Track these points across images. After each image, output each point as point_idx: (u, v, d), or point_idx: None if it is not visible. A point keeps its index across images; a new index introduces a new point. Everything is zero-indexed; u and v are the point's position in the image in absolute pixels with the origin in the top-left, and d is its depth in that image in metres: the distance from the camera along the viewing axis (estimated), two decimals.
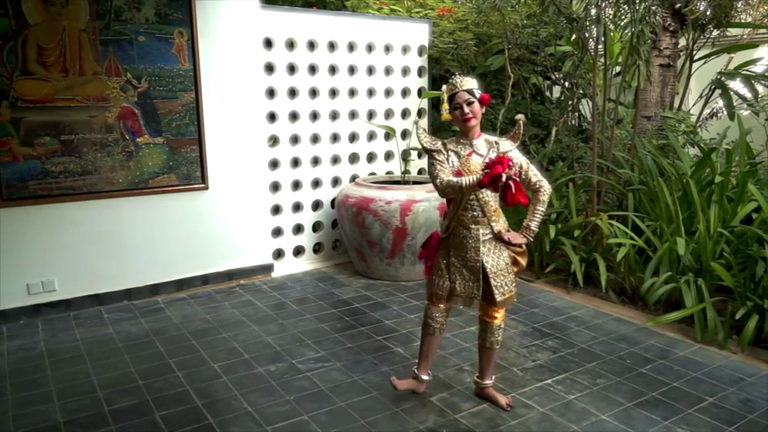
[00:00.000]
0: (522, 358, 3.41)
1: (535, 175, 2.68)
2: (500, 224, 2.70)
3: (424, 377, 2.94)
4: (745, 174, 4.10)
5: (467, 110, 2.56)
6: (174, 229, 4.48)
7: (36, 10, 3.76)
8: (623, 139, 5.72)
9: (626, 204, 4.75)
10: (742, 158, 4.27)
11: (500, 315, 2.80)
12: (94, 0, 3.92)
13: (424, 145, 2.66)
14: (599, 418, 2.78)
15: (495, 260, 2.67)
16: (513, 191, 2.40)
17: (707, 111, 5.75)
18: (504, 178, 2.32)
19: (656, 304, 4.07)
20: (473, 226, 2.64)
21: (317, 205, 5.27)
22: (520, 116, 2.69)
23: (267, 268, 4.97)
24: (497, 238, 2.68)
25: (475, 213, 2.63)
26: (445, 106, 2.60)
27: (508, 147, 2.67)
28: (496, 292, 2.67)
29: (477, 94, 2.58)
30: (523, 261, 2.79)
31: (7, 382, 3.16)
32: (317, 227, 5.31)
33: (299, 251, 5.27)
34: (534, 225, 2.68)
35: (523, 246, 2.76)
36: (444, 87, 2.62)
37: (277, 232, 5.11)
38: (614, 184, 4.92)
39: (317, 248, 5.37)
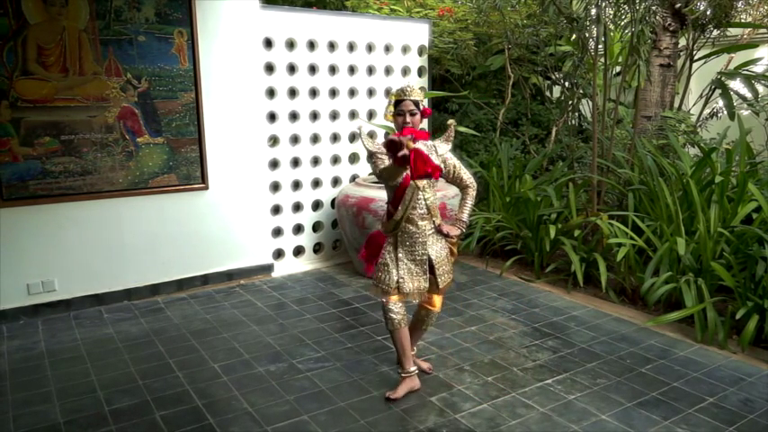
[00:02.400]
0: (522, 358, 3.41)
1: (465, 173, 2.99)
2: (438, 219, 2.95)
3: (413, 369, 2.99)
4: (745, 173, 4.10)
5: (408, 119, 2.79)
6: (174, 228, 4.48)
7: (36, 10, 3.76)
8: (623, 138, 5.73)
9: (626, 204, 4.75)
10: (742, 158, 4.27)
11: (440, 302, 3.04)
12: (94, 0, 3.92)
13: (368, 148, 2.89)
14: (599, 418, 2.78)
15: (437, 251, 2.92)
16: (418, 161, 2.58)
17: (707, 111, 5.75)
18: (405, 147, 2.51)
19: (657, 304, 4.07)
20: (420, 222, 2.87)
21: (317, 205, 5.27)
22: (451, 121, 3.02)
23: (267, 268, 4.97)
24: (437, 231, 2.94)
25: (422, 211, 2.87)
26: (390, 108, 2.86)
27: (445, 149, 2.96)
28: (440, 280, 2.92)
29: (421, 107, 2.83)
30: (455, 251, 3.08)
31: (7, 382, 3.16)
32: (317, 227, 5.31)
33: (299, 251, 5.27)
34: (465, 217, 3.00)
35: (456, 238, 3.02)
36: (394, 90, 2.86)
37: (277, 232, 5.11)
38: (614, 184, 4.93)
39: (317, 248, 5.37)
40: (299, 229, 5.23)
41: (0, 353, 3.53)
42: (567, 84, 6.08)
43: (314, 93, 5.08)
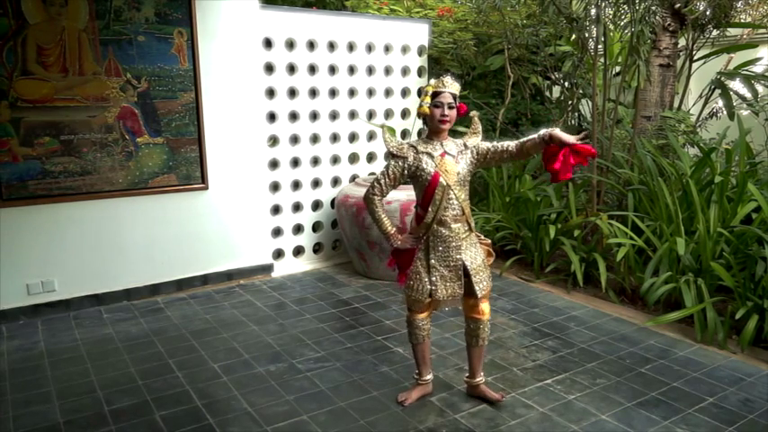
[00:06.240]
0: (522, 358, 3.41)
1: (493, 146, 2.71)
2: (473, 222, 2.78)
3: (428, 377, 2.97)
4: (744, 173, 4.10)
5: (447, 112, 2.60)
6: (174, 229, 4.47)
7: (36, 10, 3.76)
8: (623, 138, 5.72)
9: (626, 204, 4.75)
10: (742, 158, 4.27)
11: (487, 310, 2.85)
12: (94, 0, 3.92)
13: (391, 150, 2.71)
14: (599, 418, 2.78)
15: (473, 256, 2.75)
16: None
17: (707, 111, 5.75)
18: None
19: (656, 304, 4.07)
20: (454, 224, 2.69)
21: (316, 205, 5.27)
22: (474, 112, 2.81)
23: (267, 268, 4.96)
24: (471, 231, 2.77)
25: (455, 212, 2.68)
26: (427, 100, 2.62)
27: (475, 141, 2.75)
28: (477, 287, 2.75)
29: (457, 102, 2.65)
30: (492, 251, 2.91)
31: (7, 382, 3.16)
32: (316, 227, 5.31)
33: (298, 251, 5.27)
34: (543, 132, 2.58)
35: (489, 240, 2.91)
36: (432, 81, 2.66)
37: (277, 232, 5.11)
38: (614, 184, 4.93)
39: (317, 248, 5.37)
40: (298, 229, 5.23)
41: (0, 353, 3.53)
42: (566, 84, 6.08)
43: (314, 93, 5.08)
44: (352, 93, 5.28)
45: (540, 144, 2.57)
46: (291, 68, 4.94)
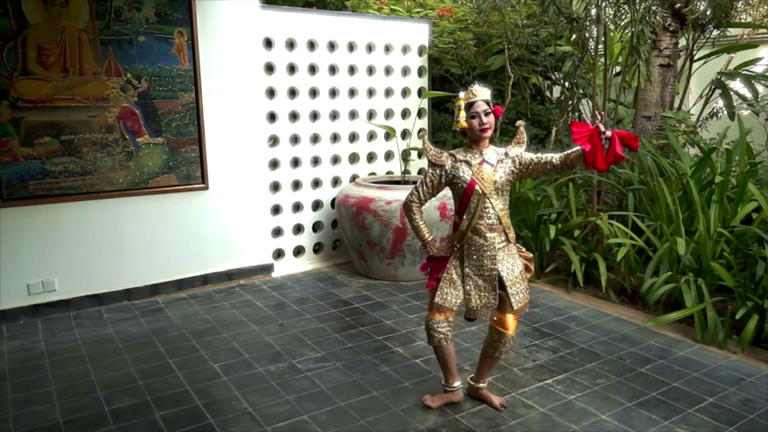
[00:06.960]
0: (522, 358, 3.41)
1: (537, 157, 2.67)
2: (511, 232, 2.71)
3: (456, 384, 2.90)
4: (745, 174, 4.10)
5: (485, 120, 2.56)
6: (174, 229, 4.47)
7: (36, 10, 3.76)
8: None
9: (626, 204, 4.75)
10: (742, 158, 4.27)
11: (514, 325, 2.76)
12: (94, 0, 3.92)
13: (430, 158, 2.68)
14: (599, 418, 2.78)
15: (510, 268, 2.68)
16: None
17: (707, 111, 5.74)
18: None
19: (656, 304, 4.07)
20: (489, 234, 2.62)
21: (317, 205, 5.27)
22: (520, 122, 2.76)
23: (267, 268, 4.96)
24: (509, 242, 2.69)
25: (490, 221, 2.62)
26: (462, 113, 2.58)
27: (518, 150, 2.68)
28: (513, 300, 2.68)
29: (491, 105, 2.60)
30: (532, 267, 2.83)
31: (7, 382, 3.16)
32: (316, 227, 5.31)
33: (298, 251, 5.27)
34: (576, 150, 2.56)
35: (530, 254, 2.83)
36: (462, 94, 2.61)
37: (277, 232, 5.11)
38: (614, 184, 4.93)
39: (317, 248, 5.37)
40: (298, 229, 5.23)
41: (0, 353, 3.53)
42: (567, 84, 6.08)
43: (314, 93, 5.08)
44: (352, 93, 5.28)
45: (583, 154, 2.53)
46: (292, 68, 4.94)
